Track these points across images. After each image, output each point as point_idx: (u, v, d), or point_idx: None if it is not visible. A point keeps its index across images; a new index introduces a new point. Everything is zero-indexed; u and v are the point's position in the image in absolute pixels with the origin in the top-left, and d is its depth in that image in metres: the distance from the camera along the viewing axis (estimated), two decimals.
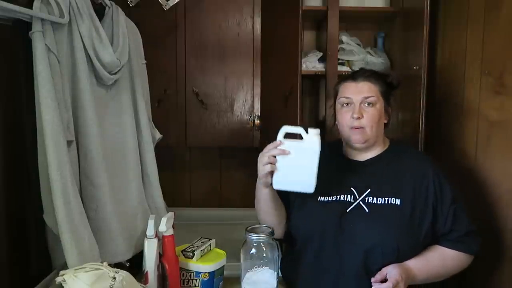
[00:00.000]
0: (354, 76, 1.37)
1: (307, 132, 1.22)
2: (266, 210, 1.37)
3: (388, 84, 1.39)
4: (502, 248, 1.38)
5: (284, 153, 1.21)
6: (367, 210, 1.27)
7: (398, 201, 1.26)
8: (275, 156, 1.22)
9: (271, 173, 1.24)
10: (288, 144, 1.22)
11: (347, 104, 1.35)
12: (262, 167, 1.24)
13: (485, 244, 1.39)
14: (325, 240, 1.28)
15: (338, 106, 1.39)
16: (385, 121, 1.38)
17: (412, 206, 1.26)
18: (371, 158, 1.37)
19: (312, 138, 1.21)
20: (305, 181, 1.22)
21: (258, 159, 1.27)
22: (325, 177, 1.26)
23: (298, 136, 1.23)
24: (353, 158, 1.39)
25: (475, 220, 1.33)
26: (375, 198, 1.28)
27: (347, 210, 1.28)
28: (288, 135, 1.24)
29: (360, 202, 1.29)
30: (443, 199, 1.28)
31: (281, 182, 1.24)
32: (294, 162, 1.22)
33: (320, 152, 1.20)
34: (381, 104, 1.34)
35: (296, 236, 1.36)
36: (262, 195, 1.34)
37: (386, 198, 1.27)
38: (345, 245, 1.25)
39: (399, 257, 1.23)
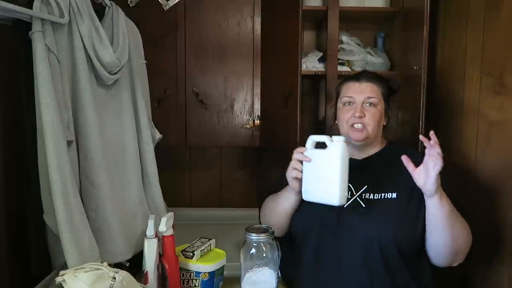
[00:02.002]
0: (357, 76, 1.40)
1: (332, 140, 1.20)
2: (280, 216, 1.36)
3: (389, 88, 1.41)
4: (502, 249, 1.38)
5: (305, 158, 1.21)
6: (363, 205, 1.29)
7: (394, 195, 1.28)
8: (302, 163, 1.23)
9: (300, 181, 1.25)
10: (312, 151, 1.22)
11: (349, 103, 1.36)
12: (288, 172, 1.26)
13: (486, 245, 1.39)
14: (324, 236, 1.29)
15: (339, 105, 1.40)
16: (384, 123, 1.40)
17: (408, 200, 1.27)
18: (367, 157, 1.38)
19: (335, 145, 1.18)
20: (328, 191, 1.17)
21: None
22: None
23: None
24: (351, 156, 1.40)
25: (476, 220, 1.33)
26: (371, 194, 1.30)
27: (344, 206, 1.29)
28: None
29: (357, 198, 1.30)
30: None
31: (308, 193, 1.22)
32: (319, 171, 1.19)
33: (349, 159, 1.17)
34: (382, 105, 1.37)
35: (295, 233, 1.37)
36: (287, 200, 1.33)
37: (382, 194, 1.29)
38: (344, 239, 1.26)
39: (398, 250, 1.24)
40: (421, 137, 1.16)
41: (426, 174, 1.15)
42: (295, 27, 1.78)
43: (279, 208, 1.36)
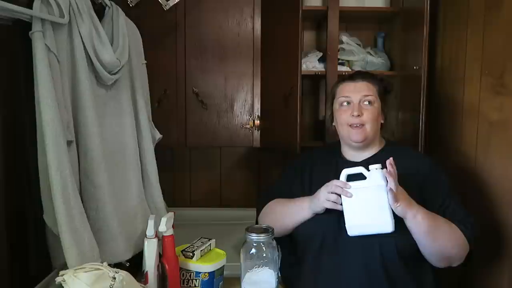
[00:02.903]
0: (352, 76, 1.41)
1: (368, 170, 1.21)
2: (287, 224, 1.36)
3: (383, 87, 1.42)
4: (503, 249, 1.38)
5: (347, 194, 1.21)
6: None
7: None
8: (340, 196, 1.22)
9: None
10: (351, 186, 1.21)
11: (346, 103, 1.36)
12: (323, 200, 1.25)
13: (486, 245, 1.39)
14: (325, 240, 1.28)
15: (336, 106, 1.40)
16: (382, 121, 1.40)
17: None
18: (367, 158, 1.38)
19: (375, 174, 1.19)
20: (379, 220, 1.18)
21: (321, 189, 1.27)
22: (323, 180, 1.27)
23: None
24: (349, 159, 1.40)
25: (476, 220, 1.33)
26: None
27: None
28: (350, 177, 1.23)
29: None
30: (441, 193, 1.29)
31: (355, 228, 1.21)
32: (363, 204, 1.19)
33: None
34: (378, 103, 1.37)
35: (297, 238, 1.37)
36: (301, 216, 1.33)
37: None
38: (345, 244, 1.25)
39: (398, 253, 1.23)
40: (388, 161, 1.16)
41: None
42: (295, 27, 1.78)
43: (289, 220, 1.35)
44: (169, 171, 2.17)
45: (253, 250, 1.19)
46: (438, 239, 1.21)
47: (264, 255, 1.18)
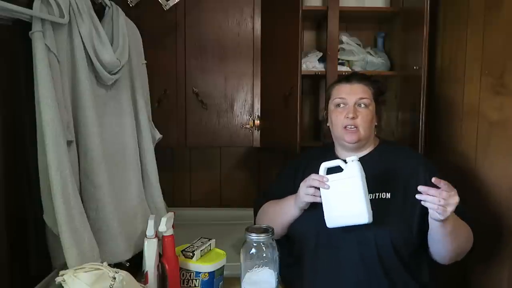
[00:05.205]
0: (348, 78, 1.41)
1: (346, 162, 1.23)
2: (280, 224, 1.37)
3: (378, 88, 1.42)
4: (502, 247, 1.38)
5: (323, 185, 1.22)
6: None
7: (388, 195, 1.28)
8: (319, 189, 1.23)
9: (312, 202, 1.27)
10: (328, 178, 1.23)
11: (341, 104, 1.36)
12: (303, 195, 1.27)
13: (485, 243, 1.39)
14: (320, 238, 1.29)
15: (331, 107, 1.41)
16: (376, 123, 1.41)
17: (403, 199, 1.28)
18: (360, 157, 1.37)
19: (351, 166, 1.21)
20: (356, 211, 1.19)
21: (301, 184, 1.29)
22: None
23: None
24: (344, 158, 1.40)
25: (475, 219, 1.33)
26: None
27: None
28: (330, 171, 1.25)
29: None
30: None
31: (333, 220, 1.23)
32: (340, 196, 1.21)
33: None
34: (373, 106, 1.38)
35: (293, 239, 1.38)
36: (290, 214, 1.35)
37: (377, 194, 1.29)
38: (340, 241, 1.26)
39: (394, 250, 1.24)
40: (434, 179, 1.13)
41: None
42: (295, 27, 1.78)
43: (280, 219, 1.36)
44: (169, 171, 2.17)
45: (253, 250, 1.19)
46: (457, 238, 1.22)
47: (264, 255, 1.18)
